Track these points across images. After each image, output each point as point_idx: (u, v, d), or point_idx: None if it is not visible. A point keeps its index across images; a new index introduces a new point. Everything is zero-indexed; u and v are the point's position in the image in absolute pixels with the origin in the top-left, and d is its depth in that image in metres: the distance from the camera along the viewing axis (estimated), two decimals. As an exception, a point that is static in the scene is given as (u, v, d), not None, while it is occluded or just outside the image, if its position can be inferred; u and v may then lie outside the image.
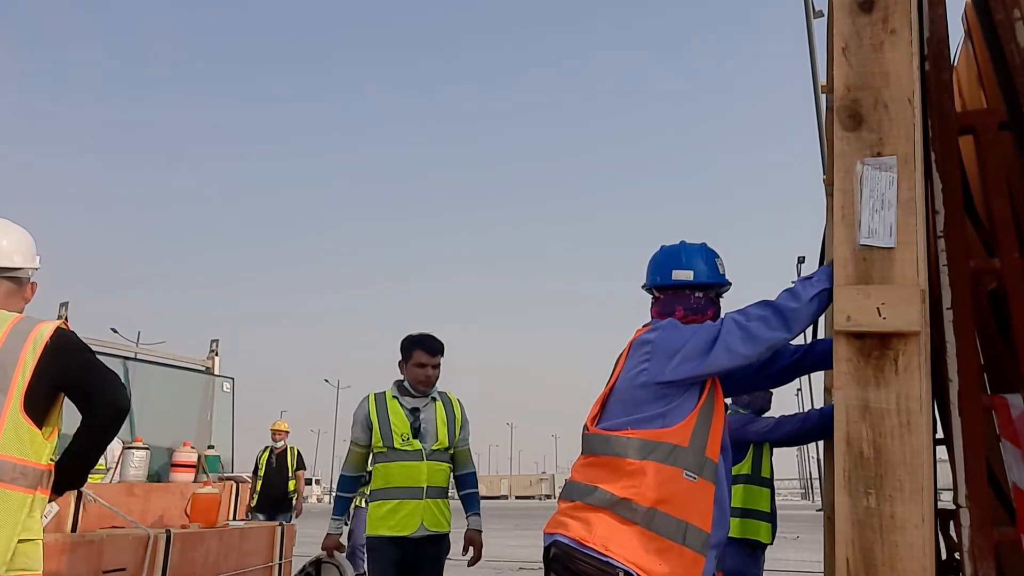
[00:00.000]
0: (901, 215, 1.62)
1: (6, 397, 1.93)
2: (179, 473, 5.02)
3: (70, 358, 2.02)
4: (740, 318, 1.87)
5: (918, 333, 1.56)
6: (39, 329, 2.00)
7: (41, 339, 1.98)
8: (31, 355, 1.96)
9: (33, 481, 1.95)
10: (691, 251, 2.14)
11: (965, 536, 1.55)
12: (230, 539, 4.70)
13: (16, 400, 1.93)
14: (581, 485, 1.93)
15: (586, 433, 2.02)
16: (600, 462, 1.92)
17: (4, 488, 1.88)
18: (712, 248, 2.17)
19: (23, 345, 1.96)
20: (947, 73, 1.78)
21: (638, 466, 1.84)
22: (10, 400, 1.93)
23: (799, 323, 1.82)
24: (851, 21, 1.75)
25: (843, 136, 1.71)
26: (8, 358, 1.94)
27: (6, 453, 1.90)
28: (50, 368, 1.97)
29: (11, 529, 1.88)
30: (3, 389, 1.93)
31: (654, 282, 2.16)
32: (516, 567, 9.83)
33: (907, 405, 1.54)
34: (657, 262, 2.18)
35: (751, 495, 3.72)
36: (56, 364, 1.99)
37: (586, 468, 1.96)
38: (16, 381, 1.94)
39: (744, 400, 3.95)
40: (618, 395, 1.98)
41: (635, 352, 2.00)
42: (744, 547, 3.66)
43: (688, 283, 2.10)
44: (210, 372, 7.00)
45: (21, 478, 1.92)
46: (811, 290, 1.82)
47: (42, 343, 1.98)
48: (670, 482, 1.83)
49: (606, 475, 1.88)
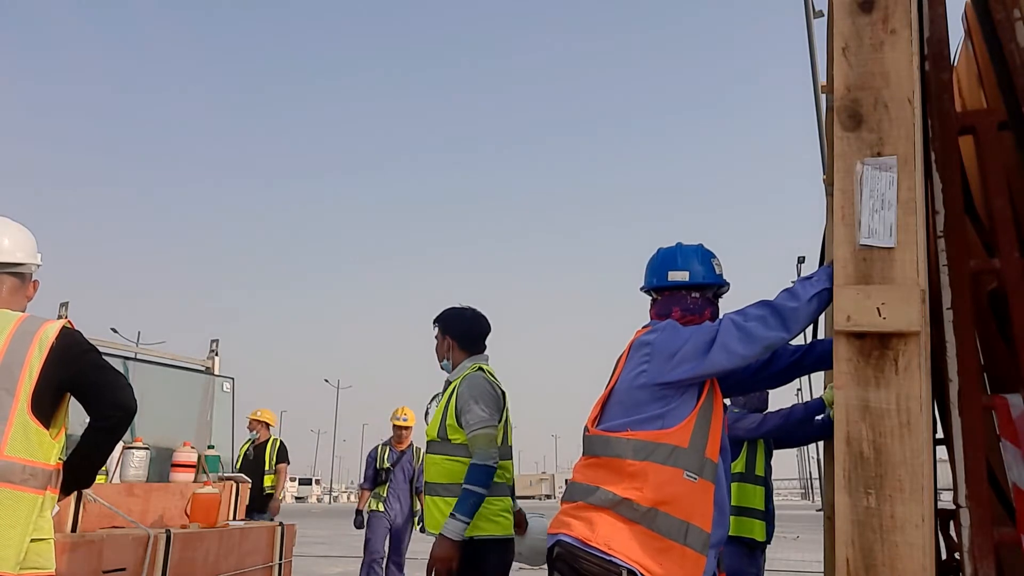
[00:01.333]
0: (901, 215, 1.62)
1: (13, 399, 1.91)
2: (179, 473, 5.02)
3: (76, 359, 2.00)
4: (738, 318, 1.87)
5: (918, 333, 1.56)
6: (44, 329, 1.98)
7: (47, 339, 1.97)
8: (37, 356, 1.94)
9: (43, 482, 1.95)
10: (687, 252, 2.15)
11: (965, 536, 1.55)
12: (230, 539, 4.70)
13: (23, 402, 1.92)
14: (583, 486, 1.94)
15: (587, 435, 2.02)
16: (601, 463, 1.93)
17: (14, 489, 1.89)
18: (708, 249, 2.18)
19: (29, 346, 1.95)
20: (947, 73, 1.78)
21: (639, 467, 1.84)
22: (17, 402, 1.91)
23: (797, 323, 1.82)
24: (851, 21, 1.75)
25: (843, 136, 1.71)
26: (14, 359, 1.92)
27: (15, 455, 1.89)
28: (56, 369, 1.96)
29: (23, 529, 1.89)
30: (10, 391, 1.91)
31: (651, 284, 2.18)
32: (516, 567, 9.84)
33: (907, 405, 1.54)
34: (654, 264, 2.19)
35: (744, 493, 3.73)
36: (62, 365, 1.97)
37: (587, 469, 1.97)
38: (23, 382, 1.92)
39: (740, 400, 3.96)
40: (618, 396, 1.99)
41: (635, 354, 2.00)
42: (740, 546, 3.67)
43: (684, 284, 2.11)
44: (210, 372, 7.00)
45: (31, 479, 1.92)
46: (810, 290, 1.82)
47: (48, 343, 1.96)
48: (671, 483, 1.83)
49: (607, 476, 1.89)
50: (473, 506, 2.79)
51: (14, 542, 1.86)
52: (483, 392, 2.97)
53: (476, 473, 2.80)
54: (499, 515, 2.93)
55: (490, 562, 2.89)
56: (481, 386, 2.99)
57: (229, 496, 5.14)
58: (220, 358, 7.04)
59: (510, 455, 3.14)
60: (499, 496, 2.97)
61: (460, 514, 2.75)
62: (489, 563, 2.89)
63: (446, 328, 3.23)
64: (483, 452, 2.83)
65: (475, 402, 2.91)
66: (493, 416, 2.93)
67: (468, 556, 2.88)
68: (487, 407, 2.92)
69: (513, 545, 3.04)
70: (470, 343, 3.21)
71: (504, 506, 2.98)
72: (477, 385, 2.99)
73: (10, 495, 1.88)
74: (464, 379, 3.03)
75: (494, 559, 2.91)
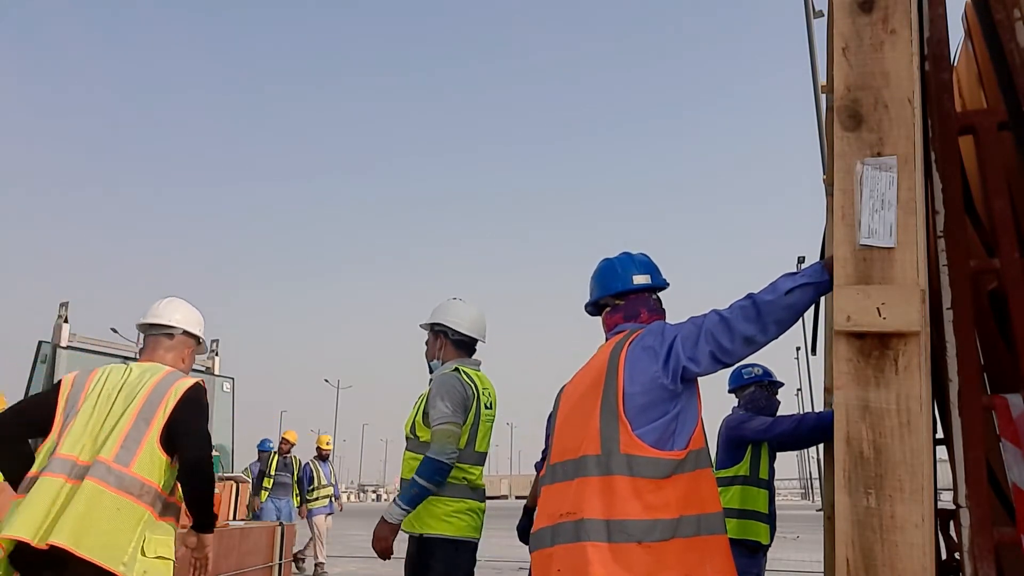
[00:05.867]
0: (901, 215, 1.62)
1: (148, 427, 2.38)
2: (179, 473, 5.02)
3: (188, 411, 2.47)
4: (723, 310, 1.89)
5: (918, 333, 1.56)
6: (181, 381, 2.51)
7: (181, 389, 2.47)
8: (172, 400, 2.44)
9: (151, 500, 2.34)
10: (641, 258, 2.27)
11: (965, 536, 1.55)
12: (230, 539, 4.70)
13: (155, 431, 2.38)
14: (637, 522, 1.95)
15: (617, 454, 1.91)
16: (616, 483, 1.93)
17: (131, 500, 2.28)
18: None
19: (167, 391, 2.46)
20: (947, 73, 1.78)
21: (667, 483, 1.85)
22: (151, 430, 2.38)
23: (772, 315, 1.81)
24: (851, 21, 1.75)
25: (843, 136, 1.71)
26: (156, 398, 2.43)
27: (139, 473, 2.32)
28: (178, 413, 2.43)
29: (130, 535, 2.26)
30: (147, 421, 2.38)
31: (616, 289, 2.22)
32: (516, 567, 9.83)
33: (907, 405, 1.54)
34: (613, 271, 2.25)
35: (749, 496, 3.72)
36: (181, 410, 2.44)
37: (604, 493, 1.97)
38: (158, 417, 2.40)
39: (744, 401, 3.96)
40: (632, 407, 1.91)
41: (636, 360, 1.96)
42: (743, 548, 3.66)
43: (648, 286, 2.20)
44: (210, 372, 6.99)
45: (145, 495, 2.32)
46: (790, 283, 1.82)
47: (180, 392, 2.46)
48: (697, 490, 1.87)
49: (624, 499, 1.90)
50: (415, 497, 2.82)
51: (122, 542, 2.23)
52: (450, 389, 2.96)
53: (426, 466, 2.81)
54: (452, 516, 2.91)
55: (438, 560, 2.88)
56: (449, 383, 2.98)
57: (229, 496, 5.14)
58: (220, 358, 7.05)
59: (481, 460, 3.06)
60: (455, 497, 2.93)
61: (401, 501, 2.82)
62: (437, 562, 2.89)
63: (442, 328, 3.21)
64: (439, 447, 2.83)
65: (440, 399, 2.92)
66: (456, 414, 2.91)
67: (417, 553, 2.94)
68: (450, 404, 2.91)
69: (472, 547, 2.99)
70: (463, 347, 3.20)
71: (461, 508, 2.94)
72: (445, 383, 2.98)
73: (127, 504, 2.27)
74: (438, 377, 3.04)
75: (443, 559, 2.88)
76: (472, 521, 2.98)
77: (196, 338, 2.79)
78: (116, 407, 2.39)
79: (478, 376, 3.14)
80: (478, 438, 3.03)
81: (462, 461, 2.94)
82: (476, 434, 3.02)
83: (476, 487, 3.02)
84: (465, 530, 2.94)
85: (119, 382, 2.46)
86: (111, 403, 2.40)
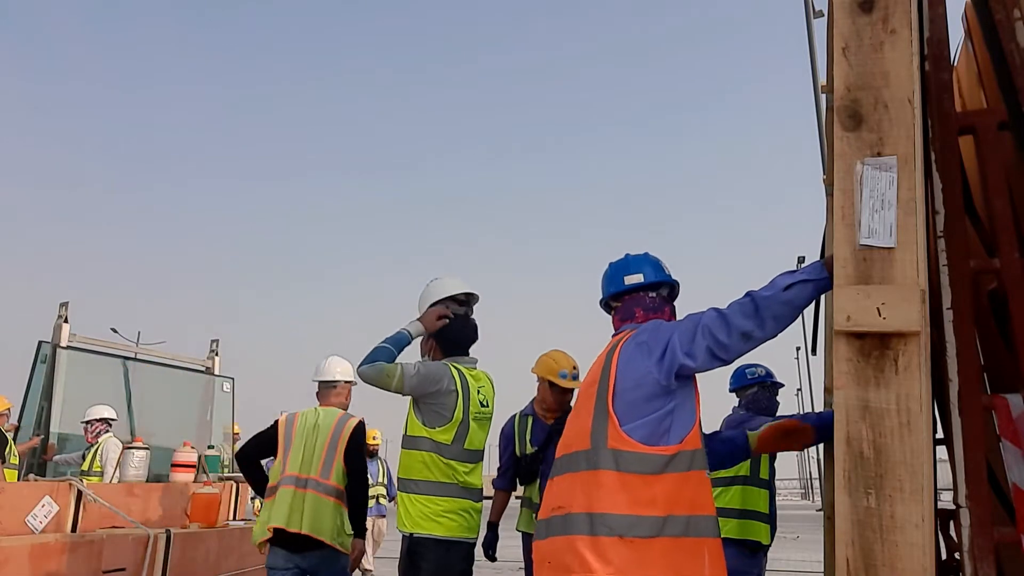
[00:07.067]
0: (901, 215, 1.62)
1: (335, 453, 3.62)
2: (179, 473, 5.02)
3: (355, 442, 3.67)
4: (721, 308, 1.90)
5: (918, 333, 1.56)
6: (350, 422, 3.72)
7: (349, 428, 3.69)
8: (346, 435, 3.66)
9: (342, 496, 3.60)
10: (637, 258, 2.29)
11: (965, 536, 1.55)
12: (230, 539, 4.70)
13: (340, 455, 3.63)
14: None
15: (605, 448, 1.94)
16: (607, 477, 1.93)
17: (333, 501, 3.56)
18: (654, 255, 2.31)
19: (343, 429, 3.67)
20: (947, 73, 1.78)
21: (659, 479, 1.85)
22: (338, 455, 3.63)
23: (770, 311, 1.82)
24: (851, 21, 1.75)
25: (843, 136, 1.71)
26: (336, 433, 3.65)
27: (335, 482, 3.58)
28: (351, 443, 3.65)
29: (336, 521, 3.54)
30: (335, 447, 3.63)
31: (610, 292, 2.27)
32: (516, 567, 9.83)
33: (907, 405, 1.54)
34: (609, 275, 2.31)
35: (749, 496, 3.72)
36: (351, 441, 3.66)
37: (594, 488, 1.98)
38: (339, 446, 3.63)
39: (745, 402, 3.96)
40: (622, 403, 1.93)
41: (629, 357, 1.97)
42: (744, 548, 3.67)
43: (640, 285, 2.22)
44: (210, 372, 6.99)
45: (340, 497, 3.59)
46: (787, 280, 1.83)
47: (349, 430, 3.68)
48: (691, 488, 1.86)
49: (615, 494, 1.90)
50: (378, 351, 2.98)
51: (334, 527, 3.52)
52: (428, 364, 3.05)
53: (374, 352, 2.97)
54: (443, 516, 2.90)
55: (428, 561, 2.88)
56: (430, 364, 3.06)
57: (229, 496, 5.14)
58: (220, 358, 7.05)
59: (474, 458, 3.05)
60: (446, 496, 2.93)
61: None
62: (427, 562, 2.88)
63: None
64: (372, 366, 2.93)
65: (414, 367, 3.00)
66: (413, 372, 2.95)
67: (408, 553, 2.94)
68: (417, 366, 2.98)
69: (465, 548, 2.97)
70: (451, 347, 3.20)
71: (452, 507, 2.93)
72: (428, 364, 3.06)
73: (331, 505, 3.54)
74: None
75: (433, 560, 2.88)
76: (464, 521, 2.95)
77: (351, 381, 3.92)
78: (315, 440, 3.62)
79: (471, 374, 3.13)
80: (468, 435, 3.01)
81: (451, 459, 2.94)
82: (466, 431, 3.00)
83: (469, 486, 3.00)
84: (456, 530, 2.92)
85: (314, 423, 3.67)
86: (312, 437, 3.62)
